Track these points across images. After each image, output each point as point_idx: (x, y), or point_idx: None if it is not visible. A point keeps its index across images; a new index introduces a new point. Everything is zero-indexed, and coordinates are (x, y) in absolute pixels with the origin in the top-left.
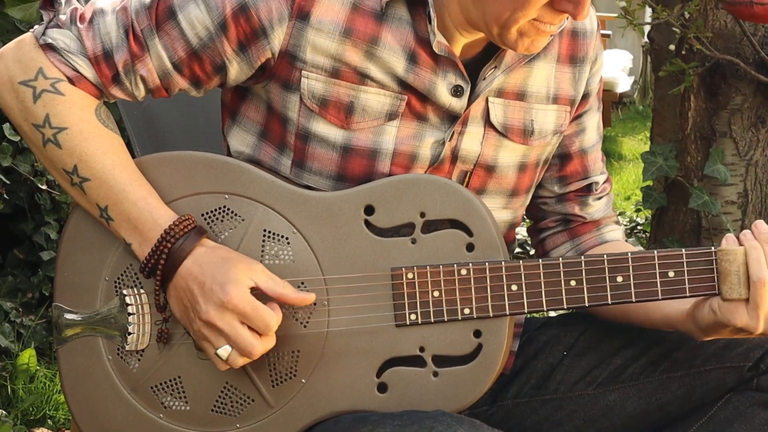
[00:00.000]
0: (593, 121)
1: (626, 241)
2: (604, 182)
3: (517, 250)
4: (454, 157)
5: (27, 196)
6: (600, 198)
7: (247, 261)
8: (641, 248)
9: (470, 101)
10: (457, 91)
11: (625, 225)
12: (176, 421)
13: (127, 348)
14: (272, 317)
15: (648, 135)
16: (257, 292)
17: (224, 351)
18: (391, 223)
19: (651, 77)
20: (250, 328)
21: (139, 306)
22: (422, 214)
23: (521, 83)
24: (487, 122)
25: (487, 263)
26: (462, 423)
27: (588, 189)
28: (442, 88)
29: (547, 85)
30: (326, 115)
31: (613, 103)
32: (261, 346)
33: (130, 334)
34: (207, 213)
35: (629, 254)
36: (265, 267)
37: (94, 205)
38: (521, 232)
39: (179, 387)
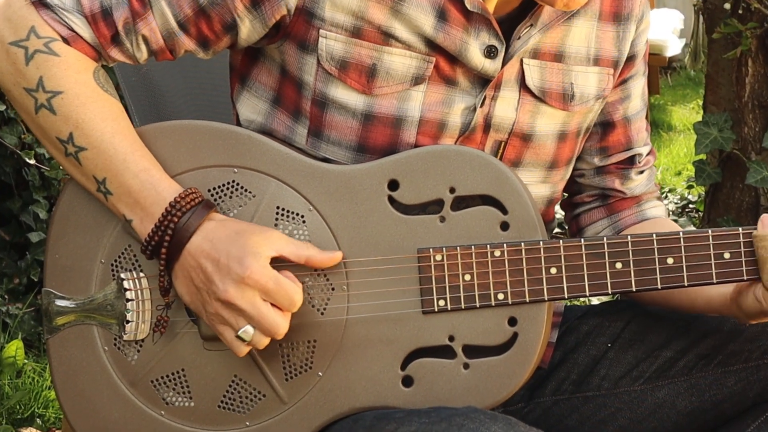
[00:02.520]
0: (639, 86)
1: (676, 221)
2: (648, 154)
3: (556, 230)
4: (487, 125)
5: (13, 172)
6: (642, 171)
7: (261, 230)
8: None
9: (503, 63)
10: (490, 52)
11: (676, 203)
12: (179, 418)
13: (125, 338)
14: (297, 291)
15: (700, 103)
16: (278, 264)
17: (246, 333)
18: (418, 199)
19: (704, 39)
20: (272, 304)
21: (139, 291)
22: (452, 190)
23: (559, 43)
24: (523, 86)
25: (523, 243)
26: (496, 420)
27: (630, 161)
28: (474, 48)
29: (587, 45)
30: (346, 79)
31: (661, 68)
32: (287, 323)
33: (128, 322)
34: (214, 188)
35: (681, 233)
36: None
37: (91, 178)
38: (560, 211)
39: (182, 381)
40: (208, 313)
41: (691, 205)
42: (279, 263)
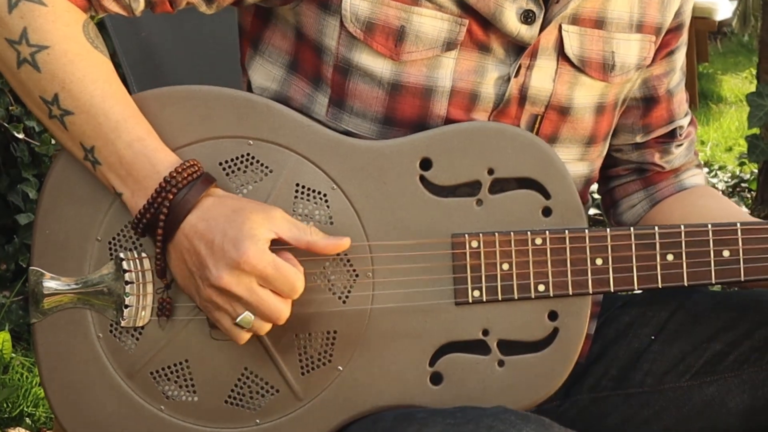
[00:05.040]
0: (682, 57)
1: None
2: (689, 125)
3: (594, 211)
4: (522, 97)
5: (0, 147)
6: (682, 144)
7: (262, 209)
8: (744, 209)
9: (541, 29)
10: (527, 17)
11: (726, 182)
12: (181, 414)
13: (122, 324)
14: (298, 277)
15: (754, 72)
16: (278, 248)
17: (246, 319)
18: (453, 180)
19: (755, 0)
20: (271, 290)
21: (139, 273)
22: (490, 171)
23: (599, 8)
24: (561, 54)
25: (567, 231)
26: (528, 421)
27: (671, 135)
28: (510, 12)
29: (630, 10)
30: (372, 42)
31: (710, 33)
32: (288, 308)
33: (127, 307)
34: (226, 162)
35: (738, 224)
36: None
37: (78, 144)
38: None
39: (186, 373)
40: (201, 298)
41: (743, 184)
42: (279, 245)
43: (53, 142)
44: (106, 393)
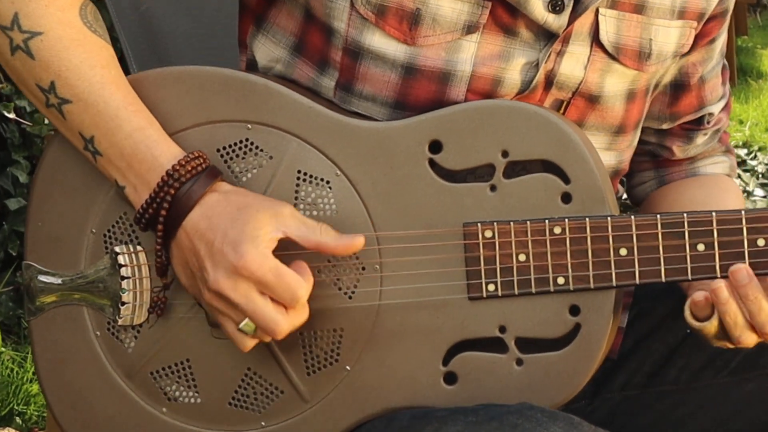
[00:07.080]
0: (722, 43)
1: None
2: (722, 110)
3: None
4: (549, 82)
5: None
6: (706, 134)
7: (269, 206)
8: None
9: (575, 15)
10: (555, 6)
11: (767, 165)
12: (183, 416)
13: (119, 322)
14: (300, 285)
15: None
16: (288, 253)
17: (248, 326)
18: (464, 164)
19: None
20: (272, 299)
21: (136, 268)
22: (505, 154)
23: None
24: (596, 40)
25: (587, 219)
26: (556, 419)
27: (699, 122)
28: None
29: None
30: (384, 25)
31: (749, 5)
32: (287, 322)
33: (123, 304)
34: (224, 148)
35: None
36: None
37: (77, 135)
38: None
39: (187, 373)
40: (205, 302)
41: None
42: (291, 250)
43: (46, 121)
44: (106, 394)
